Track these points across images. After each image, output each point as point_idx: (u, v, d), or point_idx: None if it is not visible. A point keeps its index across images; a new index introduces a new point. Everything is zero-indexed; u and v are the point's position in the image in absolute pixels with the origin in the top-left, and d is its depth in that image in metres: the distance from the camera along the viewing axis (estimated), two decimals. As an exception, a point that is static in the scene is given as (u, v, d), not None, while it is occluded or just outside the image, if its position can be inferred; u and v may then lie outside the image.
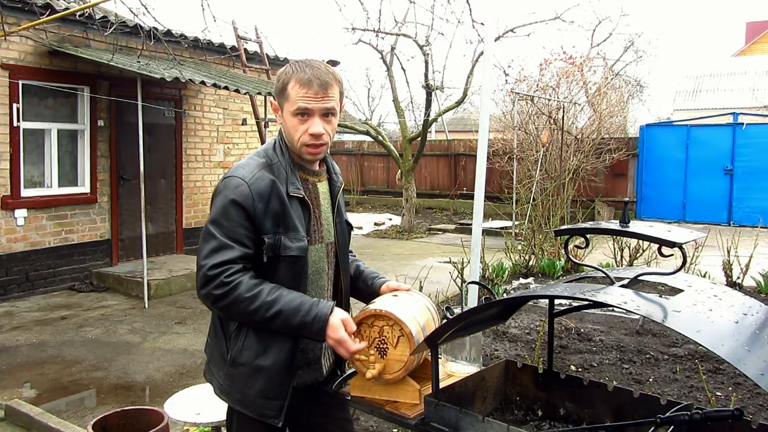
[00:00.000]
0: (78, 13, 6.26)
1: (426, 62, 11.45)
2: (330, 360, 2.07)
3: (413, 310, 1.92)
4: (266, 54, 8.89)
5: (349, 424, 2.16)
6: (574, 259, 2.20)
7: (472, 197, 5.19)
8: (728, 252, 6.88)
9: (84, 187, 7.61)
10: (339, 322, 1.79)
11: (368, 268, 2.21)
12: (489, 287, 2.17)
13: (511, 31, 11.37)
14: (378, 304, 1.95)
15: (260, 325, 1.79)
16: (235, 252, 1.76)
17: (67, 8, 6.44)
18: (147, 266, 6.89)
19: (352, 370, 2.05)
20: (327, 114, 1.85)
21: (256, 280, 1.79)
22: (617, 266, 7.14)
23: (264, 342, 1.84)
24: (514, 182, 11.84)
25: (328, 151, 2.01)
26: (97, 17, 6.34)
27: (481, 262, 5.92)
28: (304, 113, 1.83)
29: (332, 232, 2.02)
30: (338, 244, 2.04)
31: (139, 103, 6.67)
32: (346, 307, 2.07)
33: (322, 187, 2.00)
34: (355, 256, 2.23)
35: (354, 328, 1.84)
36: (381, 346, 1.87)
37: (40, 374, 4.74)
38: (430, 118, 12.59)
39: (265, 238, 1.80)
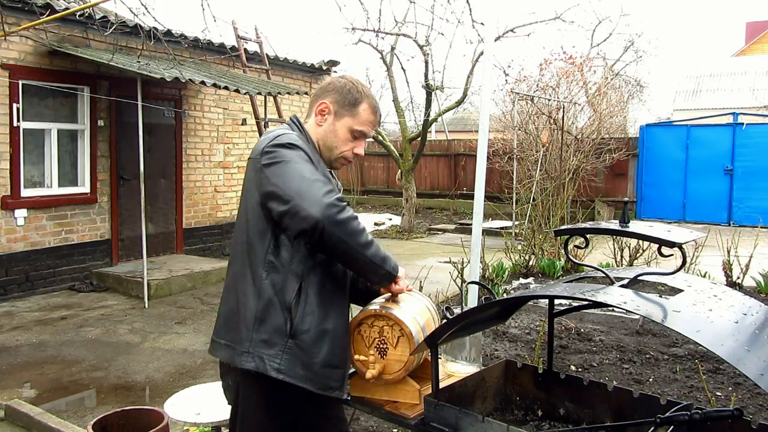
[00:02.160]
0: (78, 13, 6.26)
1: (426, 62, 11.45)
2: None
3: (413, 311, 1.92)
4: (266, 54, 8.88)
5: (344, 424, 2.16)
6: (574, 259, 2.20)
7: (472, 197, 5.18)
8: (728, 252, 6.88)
9: (84, 187, 7.61)
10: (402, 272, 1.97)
11: None
12: (489, 287, 2.17)
13: (511, 31, 11.37)
14: (378, 304, 1.94)
15: (353, 252, 1.78)
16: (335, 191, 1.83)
17: (67, 8, 6.44)
18: (147, 266, 6.89)
19: (352, 370, 2.05)
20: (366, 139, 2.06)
21: None
22: (617, 266, 7.14)
23: (324, 306, 1.85)
24: (514, 182, 11.83)
25: None
26: (97, 17, 6.34)
27: (481, 262, 5.92)
28: (360, 135, 2.01)
29: None
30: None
31: (139, 103, 6.67)
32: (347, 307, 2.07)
33: None
34: None
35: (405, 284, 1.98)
36: (381, 346, 1.88)
37: (40, 374, 4.73)
38: (430, 118, 12.59)
39: None
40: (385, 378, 1.89)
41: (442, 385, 1.84)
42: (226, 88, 7.04)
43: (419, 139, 12.58)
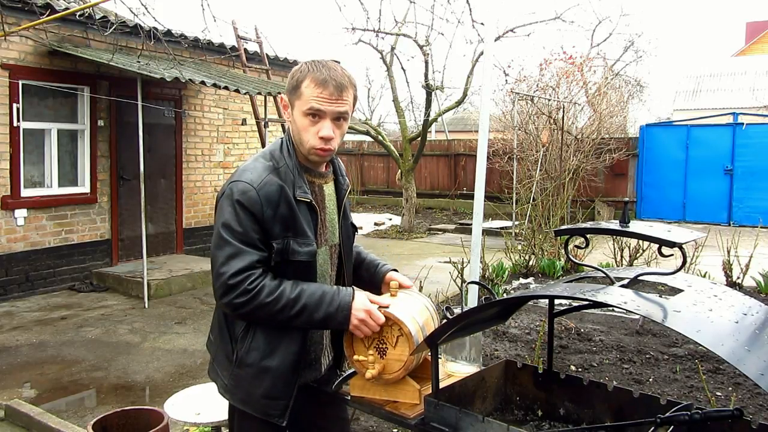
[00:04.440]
0: (78, 13, 6.27)
1: (426, 62, 11.45)
2: (329, 358, 2.07)
3: (412, 310, 1.91)
4: (266, 54, 8.88)
5: (347, 424, 2.16)
6: (574, 259, 2.20)
7: (472, 197, 5.18)
8: (728, 252, 6.88)
9: (84, 187, 7.61)
10: (362, 304, 1.81)
11: (370, 255, 2.18)
12: (489, 287, 2.16)
13: (511, 31, 11.37)
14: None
15: (286, 323, 1.79)
16: (253, 256, 1.74)
17: (67, 8, 6.44)
18: (147, 266, 6.89)
19: (352, 370, 2.05)
20: (339, 118, 1.82)
21: (277, 280, 1.78)
22: (617, 266, 7.14)
23: (272, 343, 1.83)
24: (514, 182, 11.83)
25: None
26: (97, 17, 6.35)
27: (481, 262, 5.92)
28: (315, 114, 1.79)
29: (337, 234, 2.00)
30: (343, 246, 2.03)
31: (139, 103, 6.67)
32: None
33: (328, 189, 1.98)
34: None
35: (380, 301, 1.87)
36: (380, 346, 1.87)
37: (40, 374, 4.73)
38: (430, 118, 12.59)
39: (273, 243, 1.78)
40: (385, 378, 1.89)
41: (442, 385, 1.84)
42: (226, 88, 7.04)
43: (419, 139, 12.58)
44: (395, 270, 2.11)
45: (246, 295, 1.72)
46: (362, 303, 1.81)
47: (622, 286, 1.77)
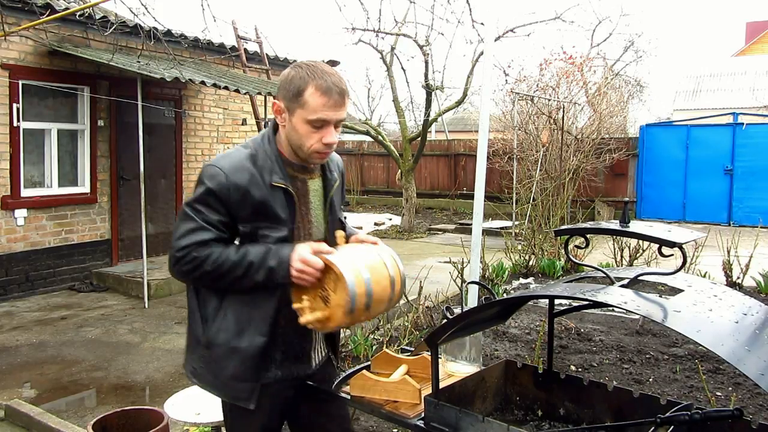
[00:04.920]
0: (78, 13, 6.27)
1: (426, 62, 11.45)
2: (322, 353, 2.06)
3: (354, 255, 1.81)
4: (266, 54, 8.88)
5: (347, 423, 2.16)
6: (574, 259, 2.21)
7: (472, 197, 5.18)
8: (728, 252, 6.88)
9: (84, 187, 7.61)
10: (300, 254, 1.77)
11: (350, 229, 2.14)
12: (489, 287, 2.16)
13: (511, 31, 11.37)
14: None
15: (235, 285, 1.82)
16: (210, 234, 1.81)
17: (67, 8, 6.44)
18: (147, 266, 6.89)
19: (352, 369, 2.05)
20: (339, 122, 1.85)
21: (225, 245, 1.82)
22: (617, 266, 7.14)
23: (241, 323, 1.86)
24: (514, 182, 11.83)
25: None
26: (97, 17, 6.34)
27: (481, 262, 5.92)
28: (322, 124, 1.81)
29: (322, 230, 2.00)
30: (329, 242, 2.01)
31: (139, 103, 6.67)
32: None
33: (314, 185, 1.98)
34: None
35: (323, 249, 1.79)
36: (323, 294, 1.78)
37: (40, 374, 4.73)
38: (430, 118, 12.59)
39: (240, 226, 1.84)
40: (331, 326, 1.79)
41: (442, 385, 1.84)
42: (226, 88, 7.04)
43: (419, 139, 12.57)
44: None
45: (192, 263, 1.79)
46: (301, 252, 1.78)
47: (622, 286, 1.77)
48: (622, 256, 7.33)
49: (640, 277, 1.90)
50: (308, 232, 1.95)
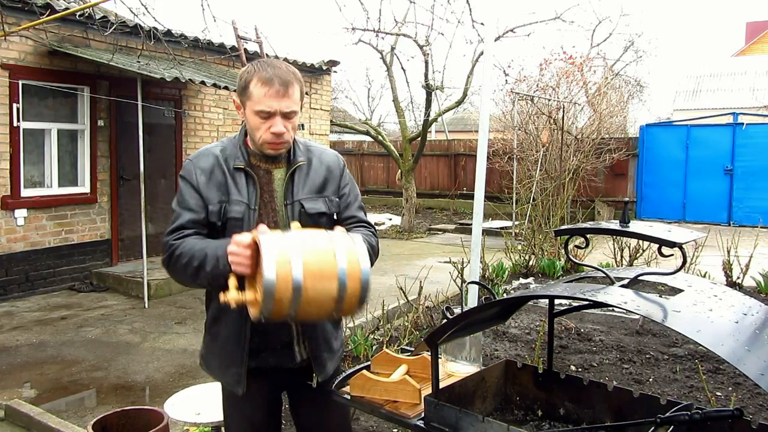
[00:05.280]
0: (78, 13, 6.26)
1: (426, 62, 11.45)
2: (305, 346, 2.03)
3: (292, 238, 1.65)
4: (266, 54, 8.86)
5: (347, 422, 2.17)
6: (574, 259, 2.20)
7: (472, 197, 5.19)
8: (728, 252, 6.88)
9: (84, 187, 7.61)
10: (233, 240, 1.72)
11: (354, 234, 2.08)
12: (489, 287, 2.16)
13: (511, 31, 11.37)
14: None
15: (195, 276, 1.85)
16: (187, 215, 1.92)
17: (67, 8, 6.44)
18: (147, 266, 6.89)
19: (352, 369, 2.05)
20: (288, 113, 1.90)
21: (197, 237, 1.89)
22: (617, 266, 7.14)
23: (220, 310, 1.96)
24: (514, 182, 11.83)
25: (297, 139, 2.05)
26: (97, 17, 6.34)
27: (481, 262, 5.92)
28: (268, 115, 1.88)
29: (287, 216, 1.96)
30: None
31: (139, 103, 6.67)
32: None
33: (278, 174, 2.01)
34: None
35: (263, 229, 1.68)
36: (258, 278, 1.70)
37: (40, 374, 4.73)
38: (430, 118, 12.59)
39: (209, 206, 1.92)
40: (255, 311, 1.64)
41: (442, 385, 1.84)
42: (226, 88, 7.04)
43: (419, 139, 12.57)
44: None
45: (168, 251, 1.90)
46: (236, 236, 1.73)
47: (622, 286, 1.77)
48: (622, 256, 7.33)
49: (640, 277, 1.89)
50: (273, 220, 1.97)
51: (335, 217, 2.06)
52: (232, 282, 1.70)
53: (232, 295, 1.67)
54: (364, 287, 1.64)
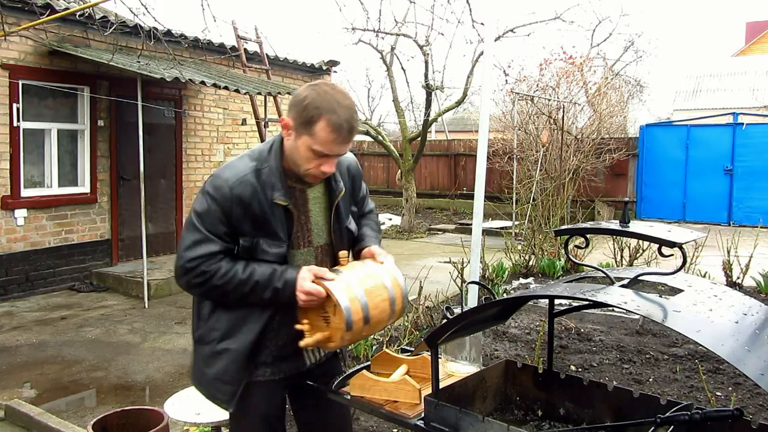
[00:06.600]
0: (78, 13, 6.26)
1: (426, 62, 11.45)
2: (319, 352, 2.08)
3: (352, 279, 1.88)
4: (266, 54, 8.88)
5: (347, 421, 2.17)
6: (574, 259, 2.21)
7: (472, 197, 5.18)
8: (728, 252, 6.87)
9: (84, 187, 7.61)
10: (304, 280, 1.83)
11: (365, 234, 2.16)
12: (489, 287, 2.16)
13: (511, 31, 11.37)
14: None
15: (240, 300, 1.86)
16: (216, 246, 1.85)
17: (67, 8, 6.44)
18: (147, 266, 6.89)
19: (352, 369, 2.05)
20: (340, 155, 1.89)
21: (232, 262, 1.85)
22: (617, 266, 7.14)
23: (235, 323, 1.90)
24: (514, 182, 11.83)
25: None
26: (97, 17, 6.34)
27: (481, 262, 5.91)
28: (324, 156, 1.83)
29: (324, 237, 2.02)
30: (334, 247, 2.03)
31: (139, 103, 6.67)
32: None
33: (313, 192, 1.99)
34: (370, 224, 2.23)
35: (324, 275, 1.85)
36: (324, 315, 1.87)
37: (40, 374, 4.73)
38: (430, 118, 12.59)
39: (241, 239, 1.86)
40: (331, 345, 1.89)
41: (442, 385, 1.84)
42: (226, 88, 7.04)
43: (419, 139, 12.57)
44: (377, 245, 2.09)
45: (201, 277, 1.83)
46: (304, 278, 1.83)
47: (622, 286, 1.77)
48: (622, 256, 7.32)
49: (640, 277, 1.90)
50: (308, 240, 1.98)
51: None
52: (307, 326, 1.88)
53: (315, 338, 1.87)
54: (405, 298, 1.98)
